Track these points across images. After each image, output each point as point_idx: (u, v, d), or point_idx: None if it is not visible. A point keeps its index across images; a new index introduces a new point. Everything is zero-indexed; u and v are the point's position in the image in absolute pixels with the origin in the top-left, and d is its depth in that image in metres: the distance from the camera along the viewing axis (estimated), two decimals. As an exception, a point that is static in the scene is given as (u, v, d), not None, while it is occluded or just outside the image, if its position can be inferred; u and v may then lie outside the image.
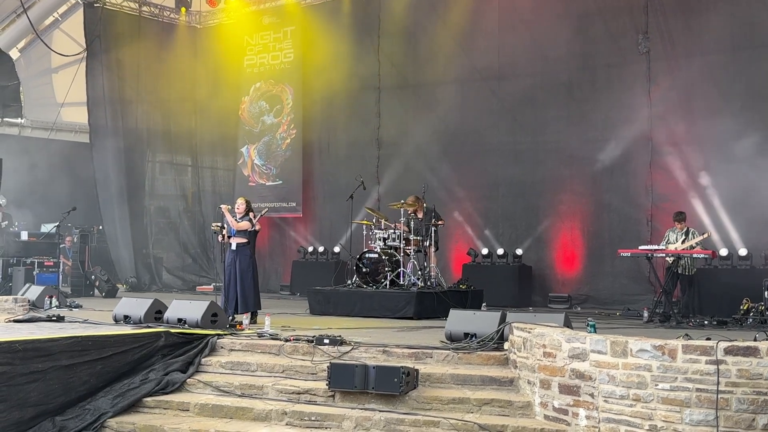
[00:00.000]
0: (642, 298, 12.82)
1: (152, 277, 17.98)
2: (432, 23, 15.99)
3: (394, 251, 11.74)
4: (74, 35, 19.79)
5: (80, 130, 19.99)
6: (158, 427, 6.76)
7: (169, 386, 7.39)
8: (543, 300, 14.04)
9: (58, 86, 21.06)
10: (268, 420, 6.76)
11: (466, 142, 15.37)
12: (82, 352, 7.24)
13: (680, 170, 13.22)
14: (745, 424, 5.19)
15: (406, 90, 16.46)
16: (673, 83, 13.40)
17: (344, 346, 7.47)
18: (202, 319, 8.47)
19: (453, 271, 14.73)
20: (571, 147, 14.24)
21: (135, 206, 18.21)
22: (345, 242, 15.40)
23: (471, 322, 7.60)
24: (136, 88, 18.39)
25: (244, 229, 9.88)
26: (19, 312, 10.58)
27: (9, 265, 14.70)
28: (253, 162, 18.51)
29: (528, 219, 14.73)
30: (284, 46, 18.23)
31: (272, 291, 16.82)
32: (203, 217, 19.07)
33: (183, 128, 19.45)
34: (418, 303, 10.81)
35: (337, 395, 6.83)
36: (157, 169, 19.44)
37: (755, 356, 5.23)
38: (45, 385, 6.88)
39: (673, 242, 10.99)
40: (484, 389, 6.69)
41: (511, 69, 15.00)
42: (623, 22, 13.95)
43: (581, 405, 5.93)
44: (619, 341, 5.75)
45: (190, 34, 19.48)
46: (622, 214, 13.81)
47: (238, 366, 7.62)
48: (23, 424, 6.70)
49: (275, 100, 18.30)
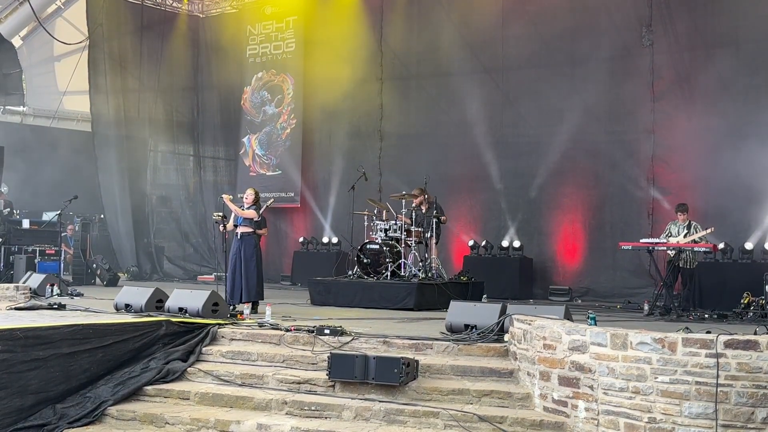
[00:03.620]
0: (643, 291, 12.82)
1: (153, 266, 18.01)
2: (435, 14, 15.93)
3: (395, 242, 11.74)
4: (77, 23, 19.78)
5: (82, 119, 19.99)
6: (159, 415, 6.78)
7: (169, 375, 7.40)
8: (544, 292, 14.04)
9: (61, 75, 21.05)
10: (268, 409, 6.77)
11: (468, 133, 15.33)
12: (83, 340, 7.25)
13: (682, 164, 13.20)
14: (744, 418, 5.20)
15: (408, 81, 16.42)
16: (677, 77, 13.36)
17: (345, 336, 7.48)
18: (203, 308, 8.48)
19: (454, 263, 14.74)
20: (574, 139, 14.20)
21: (137, 195, 18.23)
22: (346, 233, 15.40)
23: (471, 313, 7.60)
24: (138, 76, 18.38)
25: (249, 218, 9.89)
26: (20, 300, 10.59)
27: (10, 253, 14.71)
28: (254, 152, 18.51)
29: (530, 211, 14.71)
30: (286, 36, 18.21)
31: (273, 281, 16.84)
32: (205, 206, 19.08)
33: (185, 118, 19.49)
34: (419, 294, 10.82)
35: (337, 385, 6.84)
36: (159, 159, 19.48)
37: (755, 350, 5.23)
38: (46, 373, 6.90)
39: (674, 235, 10.99)
40: (483, 380, 6.71)
41: (514, 61, 14.96)
42: (627, 14, 13.89)
43: (581, 397, 5.94)
44: (619, 334, 5.75)
45: (192, 24, 19.47)
46: (624, 207, 13.80)
47: (238, 355, 7.63)
48: (24, 411, 6.73)
49: (276, 90, 18.28)
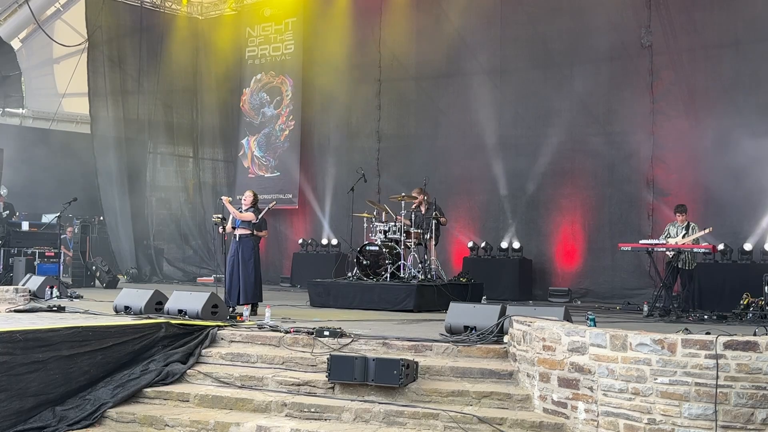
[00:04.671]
0: (642, 292, 12.82)
1: (153, 268, 18.01)
2: (434, 15, 15.94)
3: (394, 244, 11.74)
4: (76, 26, 19.77)
5: (81, 121, 19.97)
6: (158, 417, 6.78)
7: (169, 377, 7.40)
8: (543, 293, 14.04)
9: (60, 77, 21.05)
10: (267, 411, 6.77)
11: (467, 134, 15.35)
12: (83, 343, 7.25)
13: (682, 164, 13.20)
14: (743, 419, 5.19)
15: (407, 82, 16.42)
16: (676, 77, 13.36)
17: (344, 338, 7.49)
18: (202, 310, 8.48)
19: (453, 265, 14.74)
20: (573, 140, 14.22)
21: (136, 197, 18.22)
22: (345, 234, 15.39)
23: (471, 315, 7.59)
24: (137, 78, 18.38)
25: (248, 220, 9.89)
26: (19, 302, 10.60)
27: (10, 256, 14.71)
28: (253, 154, 18.52)
29: (529, 212, 14.71)
30: (285, 38, 18.22)
31: (272, 283, 16.84)
32: (204, 208, 19.08)
33: (184, 119, 19.48)
34: (419, 296, 10.82)
35: (336, 387, 6.84)
36: (159, 161, 19.46)
37: (754, 351, 5.23)
38: (45, 375, 6.90)
39: (673, 236, 10.99)
40: (483, 382, 6.70)
41: (512, 62, 14.98)
42: (626, 15, 13.89)
43: (580, 398, 5.94)
44: (618, 335, 5.74)
45: (191, 26, 19.45)
46: (623, 208, 13.80)
47: (238, 357, 7.63)
48: (23, 413, 6.73)
49: (275, 91, 18.29)
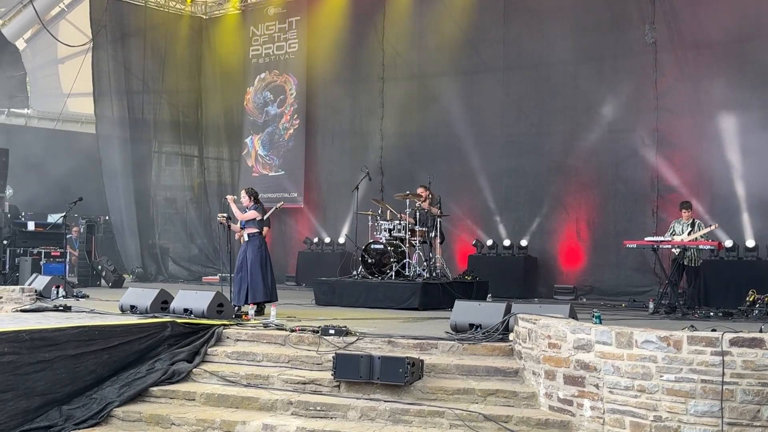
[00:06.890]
0: (647, 289, 12.82)
1: (158, 268, 18.04)
2: (437, 13, 15.92)
3: (399, 242, 11.73)
4: (80, 26, 19.79)
5: (86, 121, 20.04)
6: (164, 416, 6.79)
7: (175, 376, 7.42)
8: (548, 291, 14.03)
9: (65, 77, 21.09)
10: (273, 410, 6.78)
11: (470, 133, 15.32)
12: (89, 342, 7.27)
13: (687, 161, 13.17)
14: (750, 416, 5.18)
15: (410, 81, 16.39)
16: (680, 74, 13.31)
17: (349, 336, 7.49)
18: (208, 309, 8.50)
19: (458, 263, 14.72)
20: (577, 138, 14.20)
21: (141, 197, 18.25)
22: (350, 233, 15.39)
23: (476, 313, 7.60)
24: (142, 78, 18.41)
25: (251, 219, 9.88)
26: (26, 302, 10.64)
27: (16, 255, 14.77)
28: (257, 153, 18.53)
29: (533, 210, 14.68)
30: (289, 37, 18.22)
31: (278, 281, 16.73)
32: (209, 207, 19.11)
33: (189, 119, 19.51)
34: (424, 294, 10.82)
35: (342, 385, 6.85)
36: (164, 160, 19.50)
37: (761, 347, 5.22)
38: (52, 375, 6.92)
39: (678, 233, 10.96)
40: (488, 380, 6.70)
41: (516, 60, 14.95)
42: (630, 12, 13.85)
43: (586, 396, 5.93)
44: (624, 332, 5.74)
45: (195, 25, 19.49)
46: (628, 206, 13.76)
47: (243, 356, 7.65)
48: (30, 413, 6.74)
49: (279, 90, 18.30)
